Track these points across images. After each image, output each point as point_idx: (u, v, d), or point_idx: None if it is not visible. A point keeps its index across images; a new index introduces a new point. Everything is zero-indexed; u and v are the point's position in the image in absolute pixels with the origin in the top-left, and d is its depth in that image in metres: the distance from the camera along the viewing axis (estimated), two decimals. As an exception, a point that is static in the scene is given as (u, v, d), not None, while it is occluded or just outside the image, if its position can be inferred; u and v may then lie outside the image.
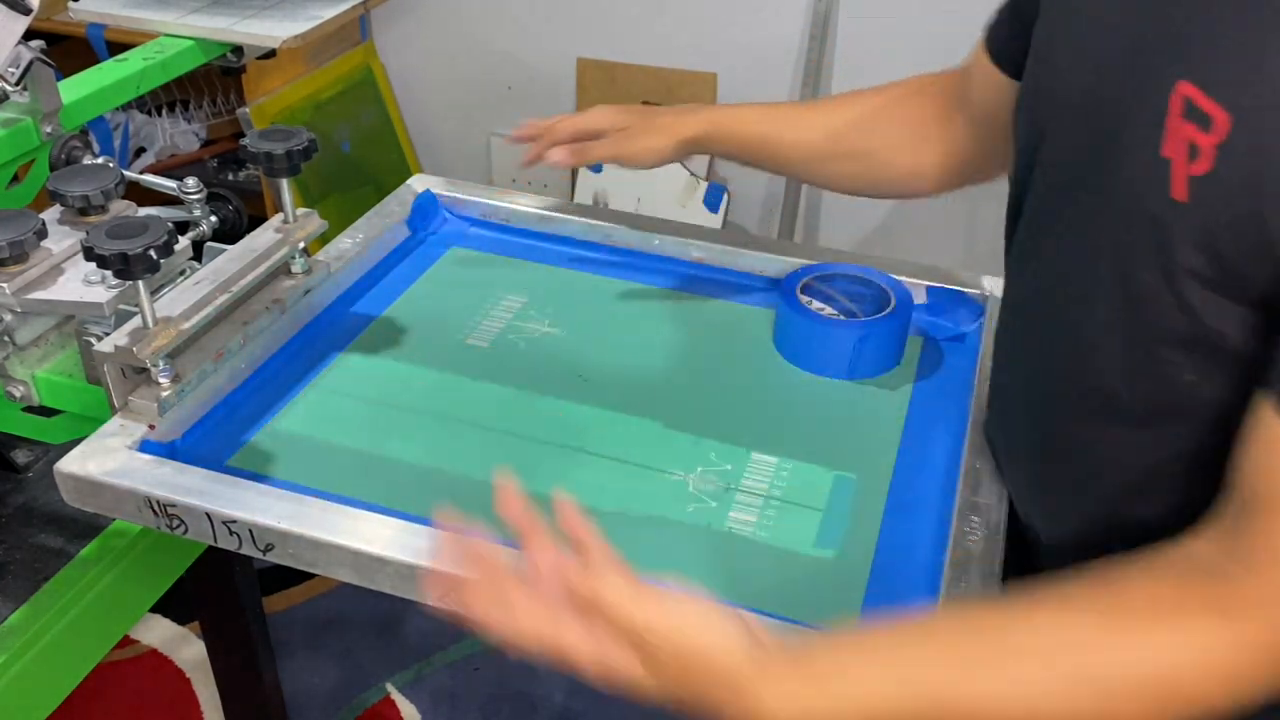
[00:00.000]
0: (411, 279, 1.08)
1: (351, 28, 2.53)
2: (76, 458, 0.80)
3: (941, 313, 1.02)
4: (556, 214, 1.15)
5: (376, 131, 2.61)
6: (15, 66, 1.00)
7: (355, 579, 0.74)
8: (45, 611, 0.84)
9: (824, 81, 2.38)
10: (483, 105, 2.70)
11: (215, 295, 0.88)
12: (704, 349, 0.99)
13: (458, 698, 1.73)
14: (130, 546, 0.91)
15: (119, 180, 0.95)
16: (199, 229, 1.00)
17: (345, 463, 0.85)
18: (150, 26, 1.40)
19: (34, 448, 1.02)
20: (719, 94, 2.46)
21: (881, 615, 0.72)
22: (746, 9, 2.38)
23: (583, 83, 2.56)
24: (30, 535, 0.93)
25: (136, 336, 0.82)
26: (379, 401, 0.91)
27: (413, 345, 0.99)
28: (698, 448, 0.87)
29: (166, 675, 1.76)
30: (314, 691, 1.74)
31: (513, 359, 0.97)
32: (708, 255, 1.10)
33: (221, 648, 1.30)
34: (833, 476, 0.84)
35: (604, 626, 0.58)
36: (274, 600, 1.88)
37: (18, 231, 0.86)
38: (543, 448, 0.87)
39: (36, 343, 0.92)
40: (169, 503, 0.76)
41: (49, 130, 1.07)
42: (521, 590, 0.60)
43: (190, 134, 2.53)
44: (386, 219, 1.12)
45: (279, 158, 0.90)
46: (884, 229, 2.52)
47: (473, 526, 0.63)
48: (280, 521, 0.74)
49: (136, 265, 0.77)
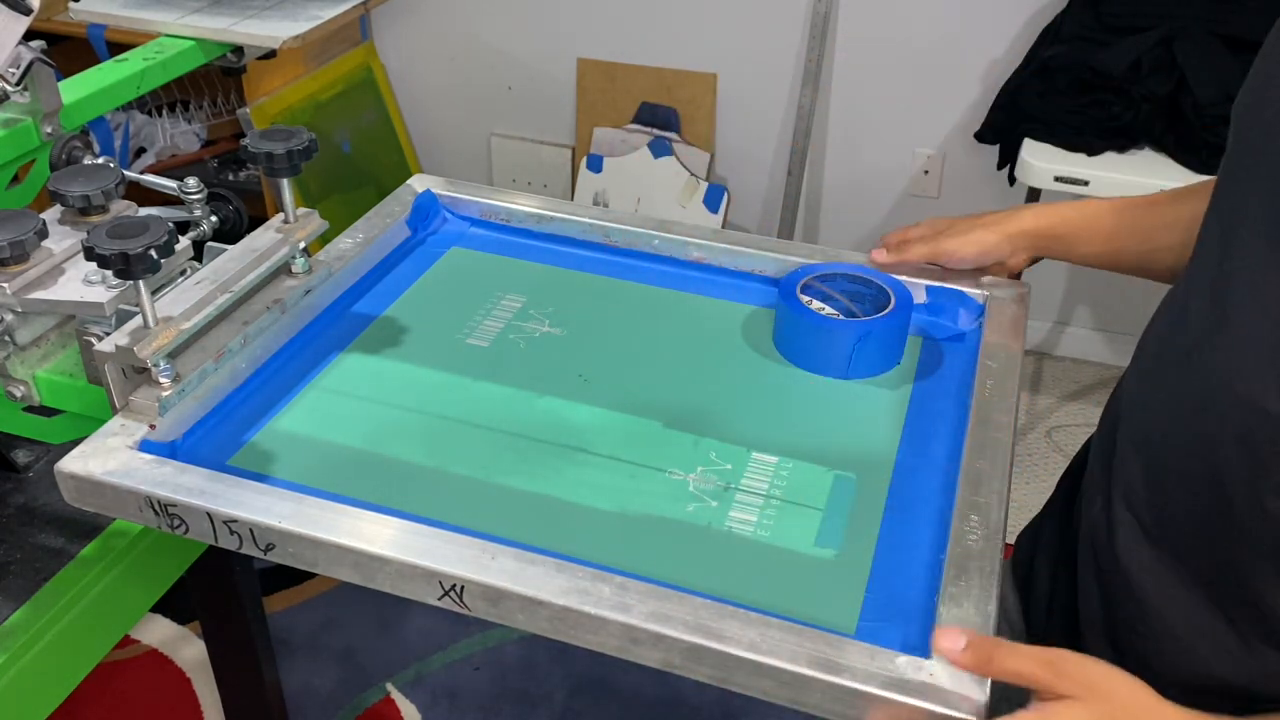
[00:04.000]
0: (411, 279, 1.08)
1: (351, 28, 2.54)
2: (77, 457, 0.80)
3: (941, 313, 1.02)
4: (556, 214, 1.15)
5: (376, 131, 2.61)
6: (16, 66, 1.00)
7: (355, 579, 0.74)
8: (45, 611, 0.84)
9: (824, 81, 2.38)
10: (483, 105, 2.70)
11: (216, 295, 0.88)
12: (704, 349, 0.99)
13: (458, 698, 1.73)
14: (130, 546, 0.91)
15: (119, 180, 0.95)
16: (199, 229, 1.00)
17: (345, 462, 0.85)
18: (150, 27, 1.40)
19: (34, 448, 1.02)
20: (719, 94, 2.46)
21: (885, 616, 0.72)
22: (746, 9, 2.38)
23: (583, 83, 2.56)
24: (30, 535, 0.93)
25: (137, 336, 0.82)
26: (379, 401, 0.91)
27: (413, 345, 0.99)
28: (698, 447, 0.87)
29: (166, 675, 1.76)
30: (314, 691, 1.74)
31: (513, 359, 0.97)
32: (708, 255, 1.10)
33: (222, 648, 1.30)
34: (833, 476, 0.84)
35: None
36: (274, 600, 1.88)
37: (18, 231, 0.86)
38: (543, 448, 0.87)
39: (37, 343, 0.92)
40: (169, 502, 0.76)
41: (49, 130, 1.07)
42: None
43: (191, 134, 2.54)
44: (386, 219, 1.12)
45: (279, 158, 0.90)
46: (884, 229, 2.52)
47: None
48: (281, 521, 0.74)
49: (137, 265, 0.77)
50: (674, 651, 0.68)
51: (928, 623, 0.70)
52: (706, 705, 1.74)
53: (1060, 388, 2.46)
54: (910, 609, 0.73)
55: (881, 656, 0.66)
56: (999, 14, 2.18)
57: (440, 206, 1.18)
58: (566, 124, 2.65)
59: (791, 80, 2.41)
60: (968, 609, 0.70)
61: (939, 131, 2.37)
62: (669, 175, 2.47)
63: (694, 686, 1.00)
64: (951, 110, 2.33)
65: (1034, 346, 2.56)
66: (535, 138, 2.70)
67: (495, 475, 0.84)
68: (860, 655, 0.66)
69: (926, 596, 0.73)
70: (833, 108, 2.43)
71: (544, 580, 0.70)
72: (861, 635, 0.70)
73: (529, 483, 0.83)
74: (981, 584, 0.72)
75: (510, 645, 1.82)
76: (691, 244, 1.11)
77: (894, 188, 2.47)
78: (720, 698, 1.73)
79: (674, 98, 2.49)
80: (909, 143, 2.41)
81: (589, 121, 2.58)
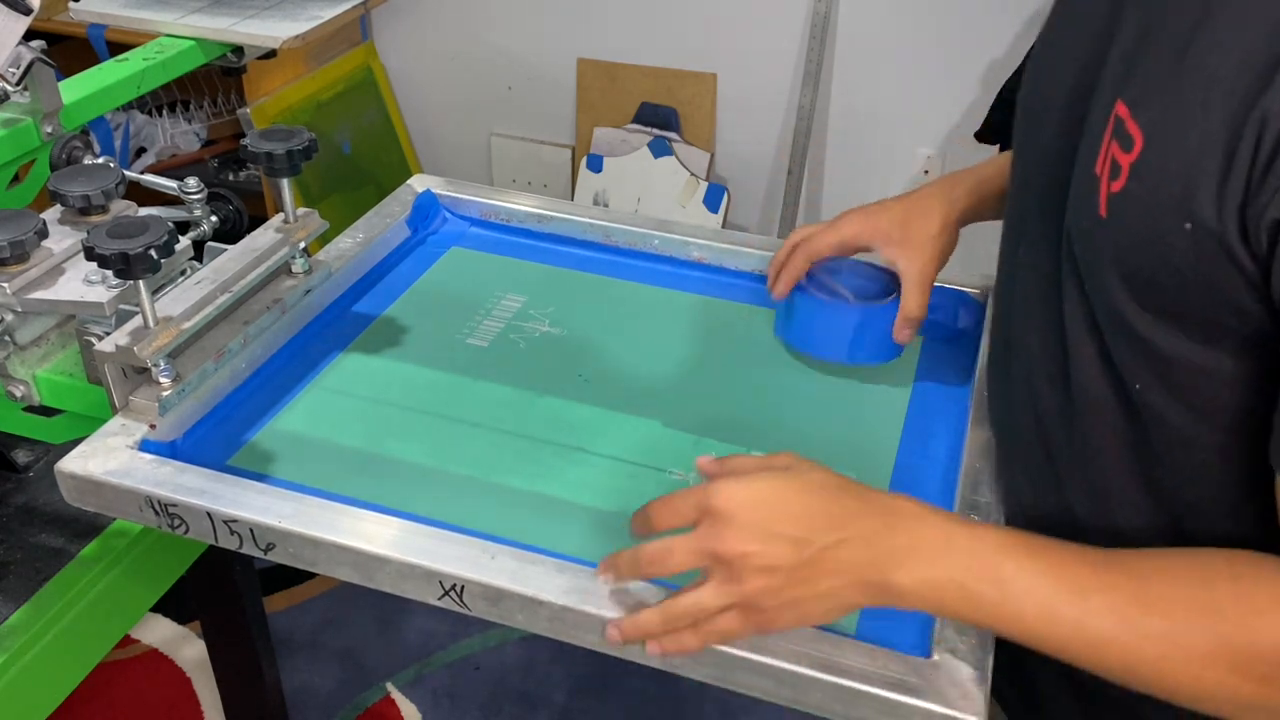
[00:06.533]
0: (411, 279, 1.08)
1: (352, 28, 2.54)
2: (77, 457, 0.80)
3: (941, 311, 1.02)
4: (556, 214, 1.15)
5: (376, 132, 2.61)
6: (16, 66, 1.00)
7: (355, 578, 0.74)
8: (45, 611, 0.84)
9: (824, 81, 2.38)
10: (483, 105, 2.70)
11: (216, 295, 0.88)
12: (704, 348, 0.99)
13: (458, 698, 1.73)
14: (131, 546, 0.91)
15: (119, 180, 0.95)
16: (200, 229, 1.00)
17: (345, 462, 0.85)
18: (151, 27, 1.40)
19: (34, 447, 1.02)
20: (719, 94, 2.46)
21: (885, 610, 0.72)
22: (746, 9, 2.38)
23: (583, 83, 2.56)
24: (31, 535, 0.93)
25: (137, 336, 0.82)
26: (379, 401, 0.91)
27: (413, 345, 0.99)
28: (698, 447, 0.87)
29: (167, 675, 1.76)
30: (314, 691, 1.74)
31: (513, 359, 0.97)
32: (708, 255, 1.10)
33: (222, 647, 1.30)
34: (833, 476, 0.84)
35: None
36: (274, 600, 1.88)
37: (18, 231, 0.86)
38: (543, 447, 0.87)
39: (37, 342, 0.92)
40: (170, 502, 0.76)
41: (50, 130, 1.07)
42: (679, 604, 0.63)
43: (191, 134, 2.54)
44: (387, 219, 1.12)
45: (280, 158, 0.90)
46: (884, 229, 2.52)
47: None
48: (281, 521, 0.74)
49: (137, 265, 0.77)
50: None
51: (928, 622, 0.70)
52: (706, 705, 1.74)
53: (1060, 388, 2.47)
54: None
55: (881, 656, 0.66)
56: (999, 14, 2.18)
57: (440, 206, 1.18)
58: (566, 124, 2.65)
59: (791, 80, 2.41)
60: (968, 609, 0.70)
61: (939, 131, 2.37)
62: (669, 175, 2.47)
63: (694, 686, 1.00)
64: (951, 110, 2.33)
65: (1034, 346, 2.56)
66: (535, 138, 2.70)
67: (495, 475, 0.84)
68: (860, 655, 0.66)
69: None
70: (833, 108, 2.43)
71: (544, 580, 0.70)
72: (861, 635, 0.70)
73: (529, 483, 0.83)
74: (981, 584, 0.72)
75: (510, 645, 1.82)
76: (691, 244, 1.11)
77: (894, 188, 2.47)
78: (720, 698, 1.73)
79: (674, 98, 2.49)
80: (909, 143, 2.40)
81: (589, 121, 2.58)
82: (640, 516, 0.65)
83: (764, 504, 0.61)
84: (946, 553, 0.59)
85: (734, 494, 0.61)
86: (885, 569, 0.60)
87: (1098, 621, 0.57)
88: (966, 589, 0.59)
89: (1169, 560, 0.59)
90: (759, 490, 0.62)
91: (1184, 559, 0.58)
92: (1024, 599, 0.58)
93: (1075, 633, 0.57)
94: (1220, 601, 0.55)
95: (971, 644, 0.67)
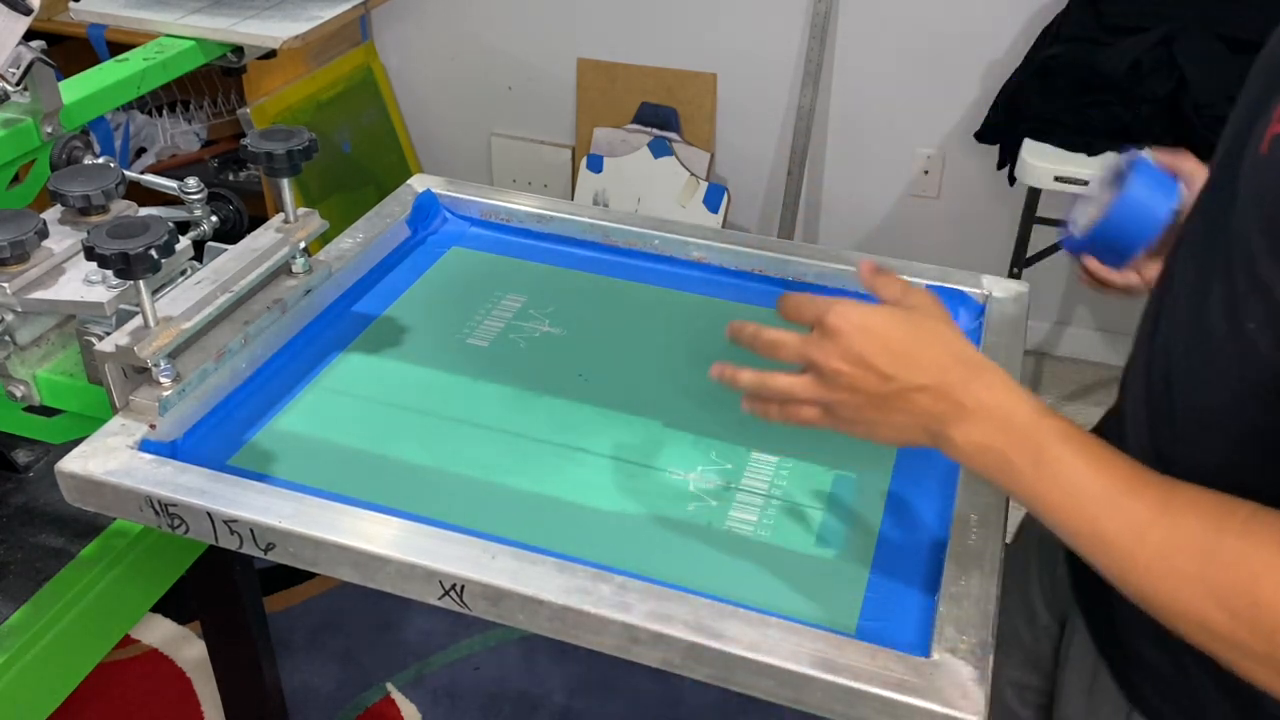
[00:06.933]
0: (411, 279, 1.08)
1: (351, 28, 2.54)
2: (78, 457, 0.80)
3: (941, 312, 1.02)
4: (556, 214, 1.15)
5: (376, 131, 2.61)
6: (16, 66, 1.00)
7: (355, 578, 0.74)
8: (45, 611, 0.84)
9: (824, 81, 2.38)
10: (483, 105, 2.70)
11: (216, 295, 0.88)
12: (704, 348, 0.99)
13: (458, 698, 1.73)
14: (131, 546, 0.91)
15: (120, 180, 0.95)
16: (200, 229, 1.00)
17: (345, 462, 0.85)
18: (151, 27, 1.40)
19: (35, 448, 1.02)
20: (719, 94, 2.46)
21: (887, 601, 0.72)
22: (746, 9, 2.38)
23: (583, 83, 2.56)
24: (31, 535, 0.93)
25: (137, 336, 0.82)
26: (379, 401, 0.91)
27: (413, 345, 0.99)
28: (698, 447, 0.87)
29: (167, 675, 1.76)
30: (314, 691, 1.74)
31: (513, 359, 0.97)
32: (708, 255, 1.10)
33: (222, 647, 1.30)
34: (833, 476, 0.85)
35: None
36: (274, 600, 1.88)
37: (18, 231, 0.86)
38: (543, 447, 0.87)
39: (37, 342, 0.92)
40: (170, 502, 0.76)
41: (50, 130, 1.07)
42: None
43: (191, 134, 2.54)
44: (387, 219, 1.12)
45: (280, 157, 0.90)
46: (884, 229, 2.52)
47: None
48: (281, 521, 0.74)
49: (137, 265, 0.77)
50: (674, 651, 0.68)
51: (928, 622, 0.70)
52: (706, 705, 1.74)
53: (1060, 388, 2.46)
54: (910, 609, 0.73)
55: (881, 656, 0.66)
56: (999, 14, 2.18)
57: (440, 206, 1.18)
58: (566, 124, 2.65)
59: (791, 80, 2.41)
60: (968, 609, 0.70)
61: (939, 131, 2.37)
62: (669, 175, 2.47)
63: (694, 686, 1.00)
64: (951, 110, 2.33)
65: (1034, 346, 2.56)
66: (535, 138, 2.70)
67: (495, 475, 0.84)
68: (860, 655, 0.66)
69: (926, 596, 0.74)
70: (833, 108, 2.43)
71: (544, 580, 0.70)
72: (861, 635, 0.70)
73: (529, 483, 0.83)
74: (981, 584, 0.72)
75: (510, 645, 1.82)
76: (691, 244, 1.11)
77: (894, 188, 2.47)
78: (720, 698, 1.73)
79: (674, 98, 2.49)
80: (909, 143, 2.40)
81: (589, 121, 2.58)
82: (782, 299, 0.73)
83: (869, 332, 0.67)
84: (1003, 426, 0.65)
85: (849, 315, 0.68)
86: (947, 423, 0.66)
87: (1109, 522, 0.60)
88: (1006, 458, 0.64)
89: (1203, 495, 0.60)
90: (870, 319, 0.68)
91: (1216, 498, 0.60)
92: (1053, 483, 0.62)
93: (1089, 527, 0.61)
94: (1225, 537, 0.57)
95: (971, 644, 0.67)
